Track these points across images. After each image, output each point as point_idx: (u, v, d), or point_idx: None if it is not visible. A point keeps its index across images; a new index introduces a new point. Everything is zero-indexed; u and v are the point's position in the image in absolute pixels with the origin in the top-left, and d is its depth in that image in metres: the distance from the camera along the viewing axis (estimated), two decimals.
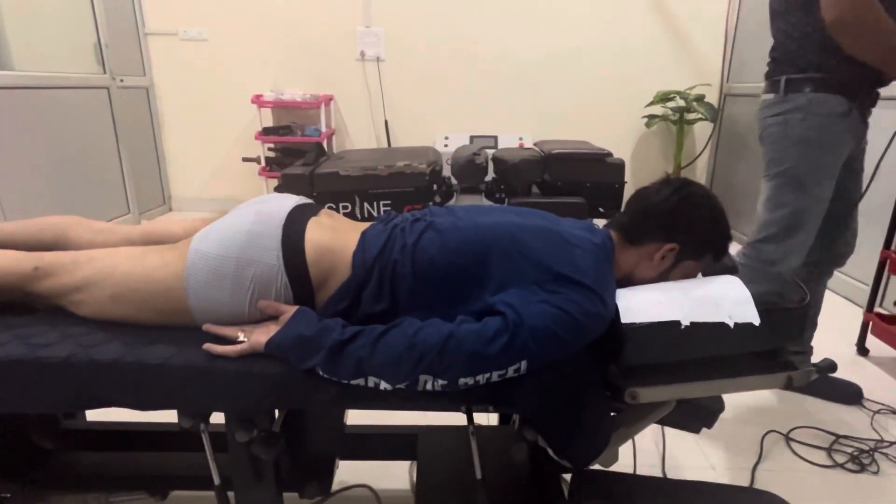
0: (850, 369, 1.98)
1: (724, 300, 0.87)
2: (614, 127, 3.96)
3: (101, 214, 3.29)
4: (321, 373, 0.81)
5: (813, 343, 1.81)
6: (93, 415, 1.33)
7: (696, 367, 0.89)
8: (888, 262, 1.97)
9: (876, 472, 1.47)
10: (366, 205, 2.67)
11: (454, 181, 2.99)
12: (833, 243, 1.68)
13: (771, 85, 1.57)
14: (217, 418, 0.93)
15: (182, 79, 3.87)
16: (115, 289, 0.87)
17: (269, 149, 3.82)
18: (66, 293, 0.89)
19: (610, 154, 3.02)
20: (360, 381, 0.80)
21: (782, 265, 1.54)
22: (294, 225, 0.91)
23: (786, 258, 1.54)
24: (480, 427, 1.44)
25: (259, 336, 0.84)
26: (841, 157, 1.52)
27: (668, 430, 1.14)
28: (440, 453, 1.19)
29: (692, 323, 0.85)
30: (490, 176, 3.07)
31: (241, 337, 0.85)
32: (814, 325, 1.79)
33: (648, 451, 1.54)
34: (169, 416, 0.98)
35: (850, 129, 1.49)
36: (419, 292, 0.89)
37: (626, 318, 0.85)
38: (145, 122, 3.84)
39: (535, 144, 3.37)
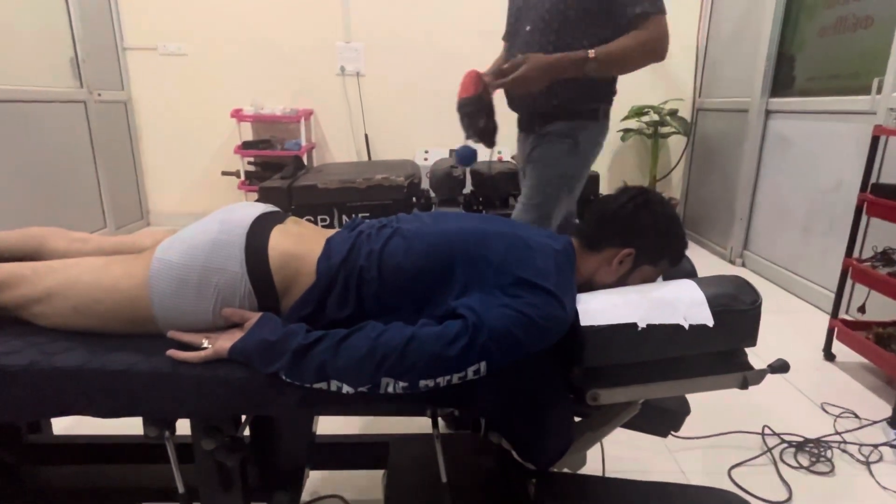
0: (816, 374, 2.03)
1: (679, 302, 0.90)
2: None
3: (77, 229, 3.22)
4: (284, 377, 0.82)
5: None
6: (58, 428, 1.31)
7: (654, 368, 0.92)
8: (850, 269, 2.03)
9: (831, 472, 1.51)
10: (344, 217, 2.68)
11: (433, 194, 3.02)
12: None
13: None
14: (183, 429, 0.93)
15: (161, 93, 3.87)
16: (78, 299, 0.87)
17: (249, 163, 3.82)
18: (27, 305, 0.89)
19: None
20: (323, 385, 0.81)
21: None
22: (258, 233, 0.92)
23: None
24: (450, 433, 1.45)
25: (223, 342, 0.84)
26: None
27: (637, 435, 1.16)
28: (410, 461, 1.20)
29: (649, 325, 0.87)
30: (468, 188, 3.11)
31: (206, 343, 0.85)
32: None
33: (617, 456, 1.56)
34: (135, 429, 0.97)
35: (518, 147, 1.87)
36: (385, 297, 0.90)
37: (584, 320, 0.87)
38: (123, 137, 3.82)
39: (512, 157, 3.42)
